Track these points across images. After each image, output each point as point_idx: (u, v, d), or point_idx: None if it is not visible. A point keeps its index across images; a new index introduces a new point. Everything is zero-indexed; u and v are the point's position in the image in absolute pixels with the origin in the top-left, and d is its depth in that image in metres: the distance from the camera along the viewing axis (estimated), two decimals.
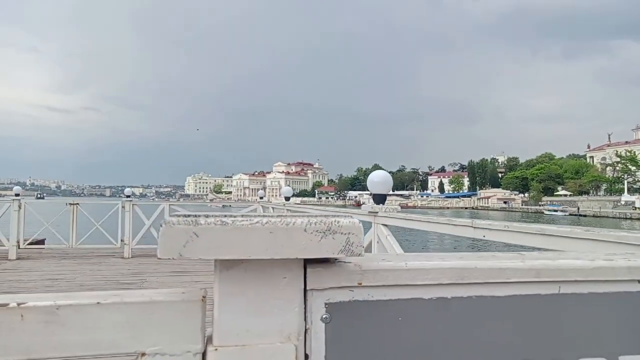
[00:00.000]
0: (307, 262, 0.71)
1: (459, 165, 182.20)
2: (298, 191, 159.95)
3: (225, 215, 0.63)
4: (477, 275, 0.78)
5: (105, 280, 7.89)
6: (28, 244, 10.63)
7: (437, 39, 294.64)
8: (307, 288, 0.71)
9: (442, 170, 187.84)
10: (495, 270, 0.79)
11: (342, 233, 0.66)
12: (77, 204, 11.13)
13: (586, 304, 0.82)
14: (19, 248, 10.20)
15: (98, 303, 0.63)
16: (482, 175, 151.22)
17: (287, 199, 11.37)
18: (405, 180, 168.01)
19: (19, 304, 0.61)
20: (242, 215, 0.64)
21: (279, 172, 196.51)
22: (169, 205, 11.27)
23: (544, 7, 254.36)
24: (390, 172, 5.20)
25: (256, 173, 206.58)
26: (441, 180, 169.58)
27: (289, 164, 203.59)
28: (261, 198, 14.70)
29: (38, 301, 0.62)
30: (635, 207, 73.48)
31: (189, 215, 0.62)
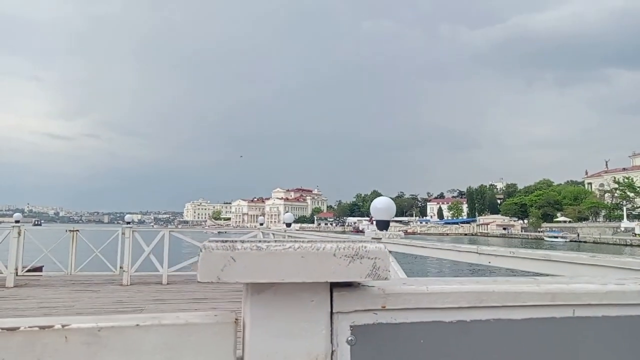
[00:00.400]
0: (333, 286, 0.74)
1: (457, 191, 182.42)
2: (297, 217, 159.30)
3: (260, 241, 0.67)
4: (495, 298, 0.81)
5: (103, 308, 7.80)
6: (26, 271, 10.54)
7: (435, 68, 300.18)
8: (333, 311, 0.74)
9: (441, 196, 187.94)
10: (511, 294, 0.82)
11: (369, 258, 0.70)
12: (77, 230, 11.10)
13: (600, 327, 0.85)
14: (16, 275, 10.11)
15: (137, 325, 0.66)
16: (480, 201, 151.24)
17: (289, 225, 11.36)
18: (404, 207, 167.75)
19: (63, 326, 0.64)
20: (276, 241, 0.68)
21: (278, 198, 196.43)
22: (169, 232, 11.24)
23: (536, 37, 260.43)
24: (390, 199, 5.25)
25: (255, 199, 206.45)
26: (440, 207, 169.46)
27: (288, 190, 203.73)
28: (261, 224, 14.68)
29: (81, 323, 0.65)
30: (635, 234, 73.26)
31: (226, 241, 0.66)
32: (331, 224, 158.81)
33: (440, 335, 0.79)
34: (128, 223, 11.88)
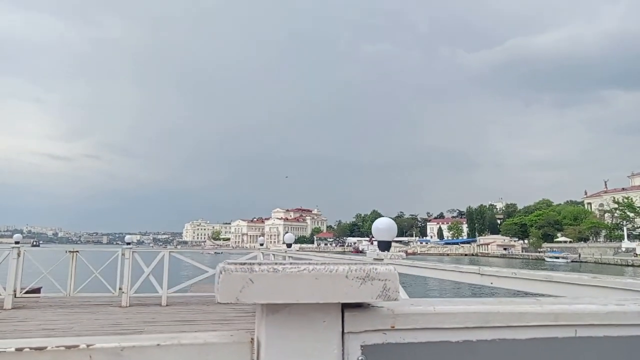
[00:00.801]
0: (345, 307, 0.77)
1: (457, 211, 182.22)
2: (297, 237, 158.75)
3: (277, 263, 0.71)
4: (500, 319, 0.84)
5: (102, 330, 7.73)
6: (24, 293, 10.47)
7: (434, 90, 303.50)
8: (345, 331, 0.77)
9: (441, 216, 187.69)
10: (516, 315, 0.85)
11: (379, 279, 0.73)
12: (77, 251, 11.07)
13: (601, 347, 0.88)
14: (15, 297, 10.03)
15: (158, 345, 0.69)
16: (480, 221, 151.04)
17: (289, 245, 11.33)
18: (404, 227, 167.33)
19: (88, 346, 0.67)
20: (291, 263, 0.71)
21: (277, 218, 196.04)
22: (169, 252, 11.21)
23: (534, 59, 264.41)
24: (391, 219, 5.28)
25: (255, 219, 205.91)
26: (440, 227, 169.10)
27: (287, 210, 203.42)
28: (261, 245, 14.63)
29: (104, 343, 0.68)
30: (637, 254, 72.91)
31: (244, 263, 0.70)
32: (331, 244, 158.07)
33: (447, 355, 0.82)
34: (128, 244, 11.84)
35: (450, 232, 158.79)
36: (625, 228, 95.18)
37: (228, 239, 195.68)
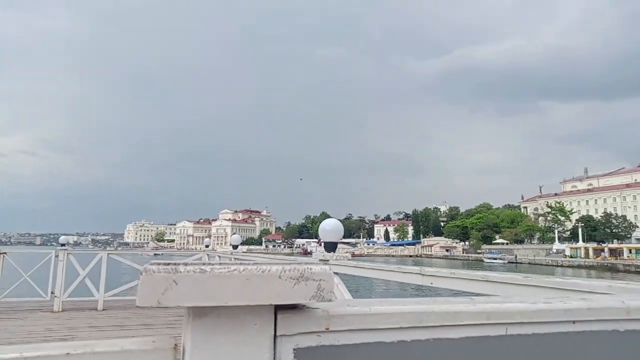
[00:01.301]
0: (278, 308, 0.74)
1: (403, 214, 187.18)
2: (245, 239, 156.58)
3: (204, 264, 0.66)
4: (434, 318, 0.84)
5: (30, 337, 7.22)
6: None
7: (385, 94, 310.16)
8: (277, 334, 0.74)
9: (388, 218, 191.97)
10: (450, 314, 0.85)
11: (314, 279, 0.70)
12: (5, 253, 10.29)
13: (530, 344, 0.90)
14: None
15: (68, 354, 0.62)
16: (425, 223, 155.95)
17: (235, 247, 11.13)
18: (352, 228, 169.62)
19: None
20: (220, 263, 0.67)
21: (225, 219, 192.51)
22: (108, 254, 10.67)
23: (478, 68, 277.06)
24: (338, 220, 5.31)
25: (201, 220, 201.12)
26: (387, 229, 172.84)
27: (236, 212, 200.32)
28: (207, 246, 14.30)
29: (3, 353, 0.60)
30: (566, 255, 78.15)
31: (168, 263, 0.64)
32: (279, 246, 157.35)
33: (381, 356, 0.80)
34: (63, 245, 11.16)
35: (397, 234, 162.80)
36: (556, 231, 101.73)
37: (173, 241, 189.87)
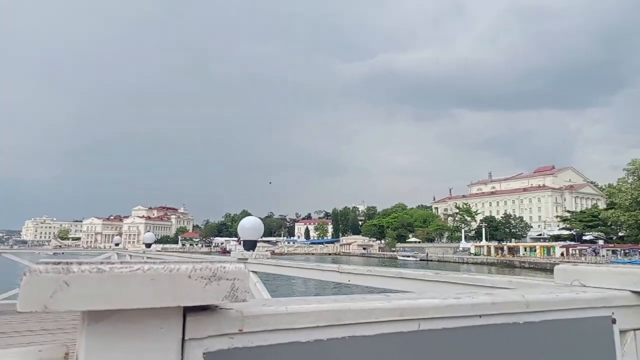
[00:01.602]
0: (187, 310, 0.69)
1: (324, 212, 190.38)
2: (159, 237, 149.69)
3: (103, 262, 0.59)
4: (351, 316, 0.83)
5: None
6: None
7: (309, 95, 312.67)
8: (186, 338, 0.69)
9: (309, 217, 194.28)
10: (366, 311, 0.85)
11: (227, 279, 0.66)
12: None
13: (440, 338, 0.93)
14: None
15: None
16: (344, 222, 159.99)
17: (148, 245, 10.58)
18: (273, 227, 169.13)
19: None
20: (122, 262, 0.61)
21: (138, 216, 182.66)
22: (1, 253, 9.63)
23: (399, 74, 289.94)
24: (258, 218, 5.25)
25: (112, 217, 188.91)
26: (307, 227, 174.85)
27: (150, 209, 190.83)
28: (117, 245, 13.45)
29: None
30: (471, 253, 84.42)
31: (59, 262, 0.57)
32: (197, 245, 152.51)
33: (297, 356, 0.78)
34: None
35: (317, 233, 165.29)
36: (463, 230, 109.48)
37: (78, 239, 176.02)
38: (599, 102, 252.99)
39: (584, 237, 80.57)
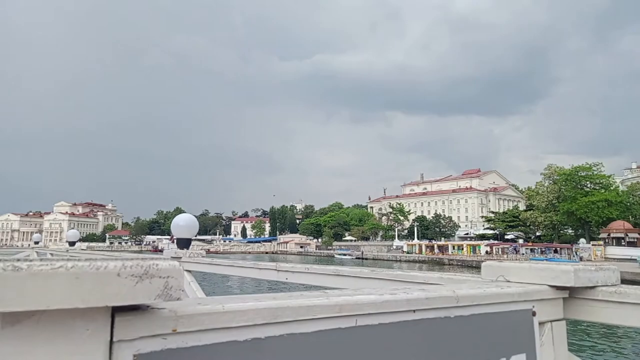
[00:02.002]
0: (116, 310, 0.65)
1: (261, 211, 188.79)
2: (85, 235, 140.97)
3: (20, 260, 0.54)
4: (289, 313, 0.82)
5: None
6: None
7: (247, 91, 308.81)
8: (114, 339, 0.64)
9: (246, 215, 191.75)
10: (304, 308, 0.85)
11: (160, 277, 0.63)
12: None
13: (376, 333, 0.95)
14: None
15: None
16: (282, 221, 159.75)
17: (72, 244, 9.93)
18: (208, 225, 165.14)
19: None
20: (42, 259, 0.56)
21: (61, 213, 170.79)
22: None
23: (335, 76, 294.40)
24: (193, 216, 5.08)
25: (31, 213, 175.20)
26: (244, 225, 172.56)
27: (74, 204, 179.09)
28: (37, 243, 12.49)
29: None
30: (404, 251, 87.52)
31: None
32: (126, 243, 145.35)
33: (234, 356, 0.76)
34: None
35: (254, 231, 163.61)
36: (396, 229, 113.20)
37: None
38: (522, 111, 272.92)
39: (506, 236, 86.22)
